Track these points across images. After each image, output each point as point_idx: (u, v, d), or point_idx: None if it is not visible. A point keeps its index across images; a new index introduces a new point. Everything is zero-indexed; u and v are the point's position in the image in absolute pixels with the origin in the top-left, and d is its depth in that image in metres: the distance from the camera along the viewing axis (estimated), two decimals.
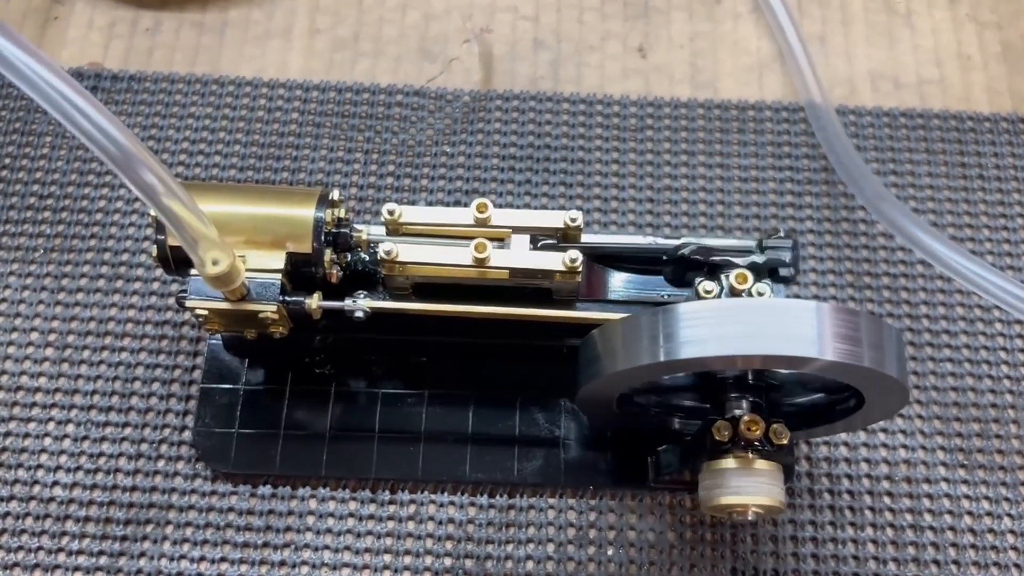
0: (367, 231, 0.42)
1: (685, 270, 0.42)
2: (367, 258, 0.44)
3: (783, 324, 0.34)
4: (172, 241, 0.40)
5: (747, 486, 0.38)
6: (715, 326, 0.35)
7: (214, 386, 0.46)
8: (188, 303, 0.40)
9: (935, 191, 0.53)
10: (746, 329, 0.34)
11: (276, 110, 0.54)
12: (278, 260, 0.40)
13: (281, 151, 0.53)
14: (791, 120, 0.55)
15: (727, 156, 0.54)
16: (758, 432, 0.38)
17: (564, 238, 0.42)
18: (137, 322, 0.49)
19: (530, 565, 0.44)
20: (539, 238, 0.42)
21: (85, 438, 0.46)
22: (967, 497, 0.46)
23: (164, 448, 0.46)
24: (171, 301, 0.49)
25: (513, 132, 0.54)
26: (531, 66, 0.56)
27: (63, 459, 0.46)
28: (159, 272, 0.50)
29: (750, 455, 0.38)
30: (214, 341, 0.47)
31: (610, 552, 0.45)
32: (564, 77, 0.56)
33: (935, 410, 0.48)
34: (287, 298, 0.41)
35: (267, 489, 0.45)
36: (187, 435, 0.46)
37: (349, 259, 0.43)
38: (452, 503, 0.45)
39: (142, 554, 0.44)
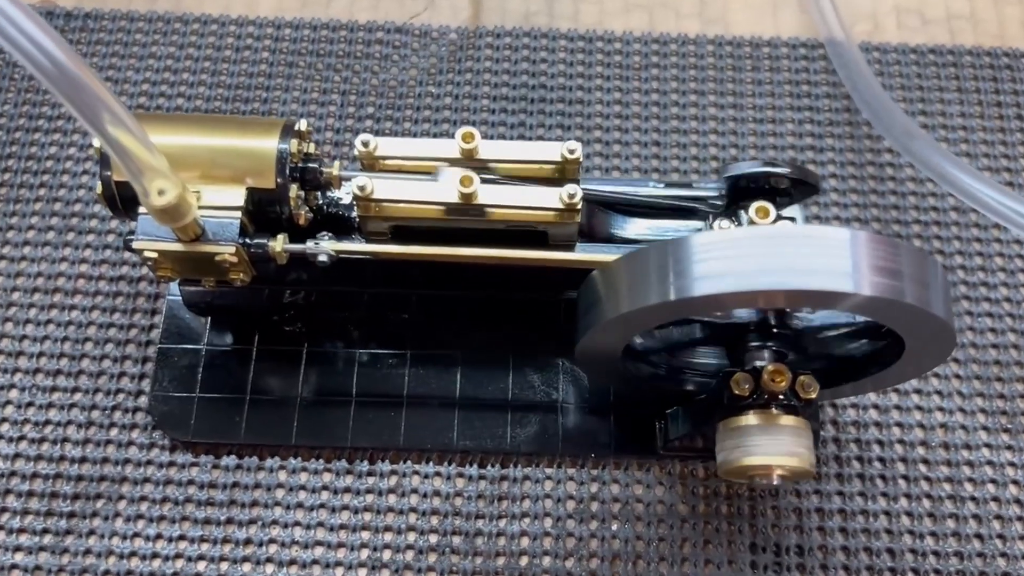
0: (339, 167, 0.38)
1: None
2: (341, 199, 0.39)
3: (812, 255, 0.29)
4: (118, 176, 0.36)
5: (771, 445, 0.33)
6: (733, 259, 0.30)
7: (173, 346, 0.43)
8: (136, 244, 0.36)
9: (968, 132, 0.48)
10: (768, 261, 0.29)
11: (245, 49, 0.50)
12: (237, 197, 0.36)
13: (250, 92, 0.49)
14: (810, 57, 0.50)
15: (740, 96, 0.49)
16: (783, 384, 0.33)
17: (561, 174, 0.38)
18: (89, 277, 0.44)
19: (525, 542, 0.40)
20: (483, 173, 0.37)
21: (30, 404, 0.42)
22: (1012, 464, 0.42)
23: (117, 415, 0.42)
24: (128, 255, 0.45)
25: (505, 72, 0.49)
26: (524, 0, 0.52)
27: (4, 427, 0.42)
28: (114, 223, 0.45)
29: (774, 410, 0.34)
30: (173, 297, 0.43)
31: (614, 527, 0.40)
32: (560, 12, 0.51)
33: (974, 369, 0.43)
34: (248, 240, 0.36)
35: (231, 460, 0.42)
36: (143, 401, 0.42)
37: (320, 200, 0.39)
38: (438, 474, 0.41)
39: (91, 532, 0.40)
